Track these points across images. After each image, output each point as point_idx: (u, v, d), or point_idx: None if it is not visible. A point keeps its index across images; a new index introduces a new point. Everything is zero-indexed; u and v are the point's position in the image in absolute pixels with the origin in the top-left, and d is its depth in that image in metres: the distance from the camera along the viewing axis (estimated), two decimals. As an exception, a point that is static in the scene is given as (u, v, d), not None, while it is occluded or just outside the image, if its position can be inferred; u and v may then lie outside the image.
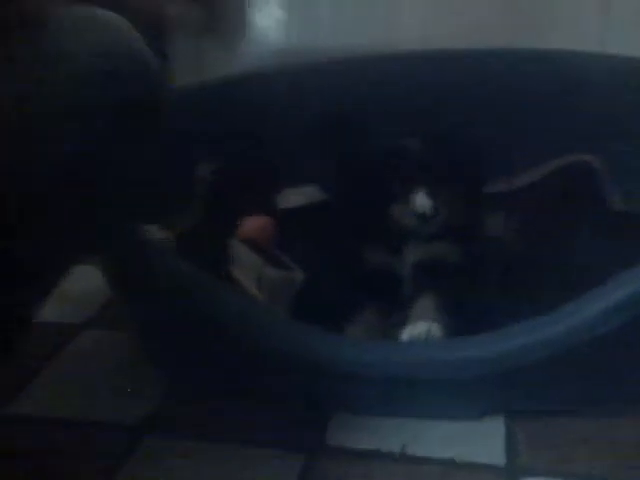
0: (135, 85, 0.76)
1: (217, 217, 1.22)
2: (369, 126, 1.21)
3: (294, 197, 1.32)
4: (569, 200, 1.18)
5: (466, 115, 1.27)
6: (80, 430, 0.86)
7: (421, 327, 0.82)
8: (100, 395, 0.92)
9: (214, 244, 1.09)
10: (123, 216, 0.90)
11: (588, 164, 1.21)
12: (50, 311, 1.12)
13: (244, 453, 0.81)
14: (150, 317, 0.93)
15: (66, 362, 1.01)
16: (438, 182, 0.92)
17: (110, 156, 0.74)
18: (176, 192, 1.21)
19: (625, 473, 0.75)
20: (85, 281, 1.09)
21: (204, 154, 1.28)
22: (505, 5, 1.35)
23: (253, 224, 1.14)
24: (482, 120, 1.27)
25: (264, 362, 0.82)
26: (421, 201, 0.90)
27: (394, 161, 0.94)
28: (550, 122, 1.26)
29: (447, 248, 0.94)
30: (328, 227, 1.06)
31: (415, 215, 0.91)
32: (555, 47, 1.26)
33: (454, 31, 1.34)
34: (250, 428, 0.84)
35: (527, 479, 0.75)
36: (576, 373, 0.78)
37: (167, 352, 0.93)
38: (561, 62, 1.26)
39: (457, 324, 0.87)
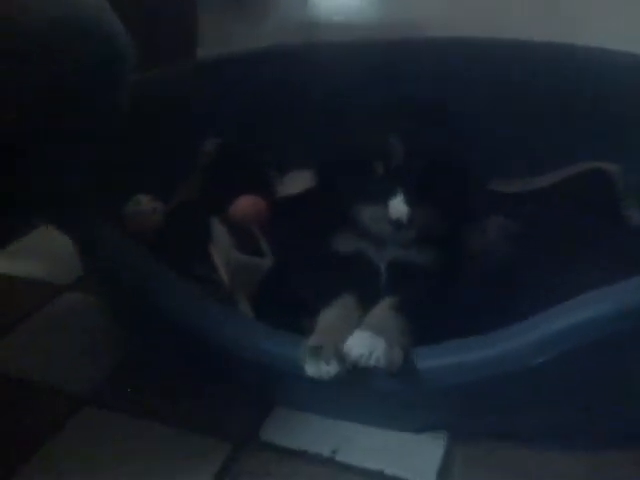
0: (99, 48, 0.75)
1: (213, 193, 1.21)
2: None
3: (299, 180, 1.29)
4: (582, 209, 1.10)
5: (492, 108, 1.21)
6: (29, 390, 0.88)
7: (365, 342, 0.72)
8: (58, 359, 0.93)
9: (202, 220, 1.07)
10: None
11: (607, 173, 1.12)
12: (37, 269, 1.15)
13: (175, 435, 0.80)
14: (110, 296, 0.93)
15: (40, 322, 1.03)
16: (420, 188, 0.82)
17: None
18: (178, 164, 1.21)
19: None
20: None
21: (213, 127, 1.27)
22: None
23: (243, 204, 1.12)
24: (504, 114, 1.20)
25: (210, 351, 0.81)
26: (397, 207, 0.81)
27: (376, 158, 0.84)
28: (577, 123, 1.18)
29: (423, 254, 0.86)
30: (309, 214, 1.02)
31: (389, 221, 0.81)
32: (589, 44, 1.16)
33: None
34: (187, 412, 0.83)
35: (454, 504, 0.71)
36: (521, 399, 0.72)
37: (125, 329, 0.94)
38: (596, 60, 1.17)
39: (422, 331, 0.81)
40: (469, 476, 0.73)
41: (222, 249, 0.97)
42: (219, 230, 1.01)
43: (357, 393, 0.76)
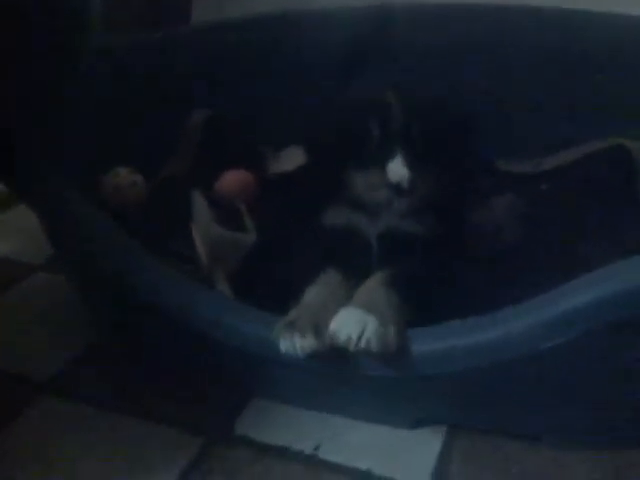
0: None
1: (202, 167, 1.13)
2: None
3: (295, 156, 1.21)
4: (596, 189, 1.01)
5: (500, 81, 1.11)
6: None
7: (353, 321, 0.62)
8: (21, 342, 0.86)
9: (186, 196, 0.99)
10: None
11: (626, 151, 1.03)
12: (10, 248, 1.07)
13: (141, 428, 0.72)
14: (78, 275, 0.85)
15: (6, 302, 0.95)
16: (420, 149, 0.74)
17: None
18: (167, 135, 1.13)
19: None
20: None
21: (204, 97, 1.18)
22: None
23: (229, 178, 1.04)
24: (515, 87, 1.11)
25: (184, 334, 0.72)
26: (397, 170, 0.72)
27: (371, 117, 0.75)
28: (592, 96, 1.08)
29: (419, 223, 0.77)
30: (299, 190, 0.93)
31: (388, 185, 0.72)
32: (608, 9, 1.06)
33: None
34: (157, 403, 0.75)
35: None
36: (528, 390, 0.63)
37: (94, 312, 0.86)
38: (613, 26, 1.06)
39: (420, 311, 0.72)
40: (468, 477, 0.65)
41: (201, 224, 0.89)
42: (199, 204, 0.93)
43: (344, 382, 0.68)
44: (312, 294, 0.68)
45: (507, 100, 1.10)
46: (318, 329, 0.63)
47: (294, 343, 0.62)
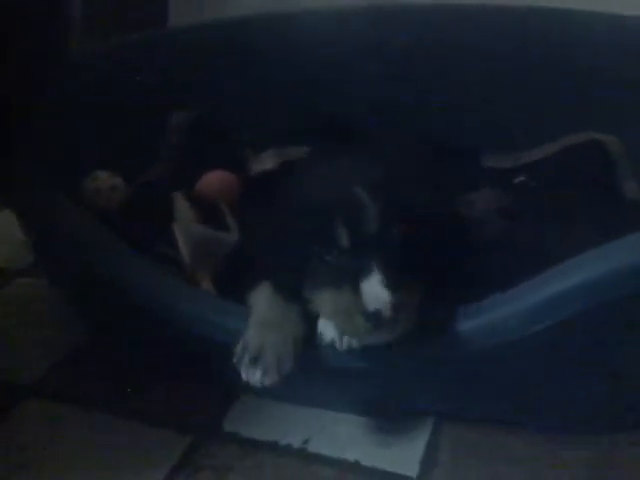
0: None
1: (184, 169, 1.13)
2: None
3: (276, 158, 1.21)
4: (575, 183, 1.03)
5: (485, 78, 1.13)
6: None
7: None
8: (5, 347, 0.85)
9: (168, 198, 0.99)
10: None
11: (602, 145, 1.05)
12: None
13: (129, 427, 0.72)
14: (57, 276, 0.85)
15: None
16: (403, 258, 0.58)
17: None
18: (149, 138, 1.13)
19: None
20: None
21: (184, 99, 1.18)
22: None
23: (210, 179, 1.04)
24: (498, 85, 1.12)
25: (170, 333, 0.72)
26: (374, 292, 0.56)
27: (338, 223, 0.59)
28: (569, 92, 1.10)
29: None
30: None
31: (365, 315, 0.56)
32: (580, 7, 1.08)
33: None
34: (144, 402, 0.75)
35: (439, 497, 0.63)
36: (516, 377, 0.64)
37: (78, 315, 0.86)
38: (587, 23, 1.09)
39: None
40: (458, 465, 0.65)
41: (183, 224, 0.89)
42: (181, 205, 0.93)
43: (330, 376, 0.68)
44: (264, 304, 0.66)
45: (497, 99, 1.11)
46: (280, 365, 0.61)
47: (255, 378, 0.61)
